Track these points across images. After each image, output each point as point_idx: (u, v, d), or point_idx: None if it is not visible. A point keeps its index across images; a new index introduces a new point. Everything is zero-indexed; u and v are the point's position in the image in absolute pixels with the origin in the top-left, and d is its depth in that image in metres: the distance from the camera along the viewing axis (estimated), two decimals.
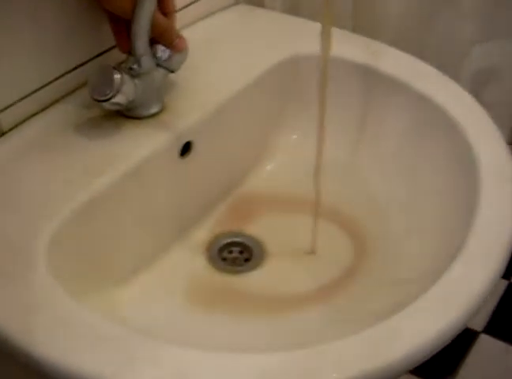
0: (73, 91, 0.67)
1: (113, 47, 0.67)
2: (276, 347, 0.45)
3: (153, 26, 0.62)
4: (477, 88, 0.93)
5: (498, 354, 1.21)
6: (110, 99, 0.59)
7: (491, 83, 0.93)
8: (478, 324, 1.24)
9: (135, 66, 0.62)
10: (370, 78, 0.74)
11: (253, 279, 0.66)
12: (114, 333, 0.46)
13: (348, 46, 0.76)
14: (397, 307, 0.48)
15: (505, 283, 1.31)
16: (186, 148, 0.66)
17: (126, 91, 0.60)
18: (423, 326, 0.47)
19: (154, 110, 0.65)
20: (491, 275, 0.51)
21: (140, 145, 0.62)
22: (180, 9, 0.77)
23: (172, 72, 0.66)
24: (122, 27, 0.63)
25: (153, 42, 0.64)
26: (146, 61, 0.62)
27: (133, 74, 0.62)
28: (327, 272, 0.65)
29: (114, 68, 0.60)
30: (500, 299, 1.27)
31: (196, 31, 0.78)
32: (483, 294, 0.51)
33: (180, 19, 0.76)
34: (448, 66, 0.89)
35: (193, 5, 0.80)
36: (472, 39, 0.89)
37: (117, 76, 0.59)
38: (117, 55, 0.65)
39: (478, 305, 0.50)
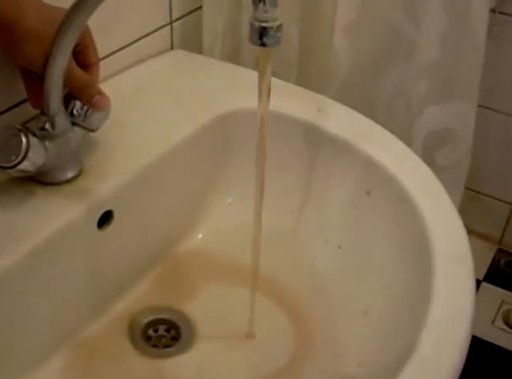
0: None
1: (25, 100, 0.59)
2: None
3: (70, 81, 0.55)
4: (431, 149, 0.89)
5: None
6: (15, 166, 0.51)
7: (445, 145, 0.89)
8: None
9: (47, 127, 0.55)
10: (314, 137, 0.69)
11: (176, 367, 0.58)
12: None
13: (291, 101, 0.70)
14: None
15: None
16: (106, 217, 0.59)
17: (33, 157, 0.52)
18: None
19: (70, 174, 0.58)
20: None
21: (52, 216, 0.54)
22: (108, 55, 0.71)
23: (92, 131, 0.59)
24: (36, 80, 0.56)
25: (71, 97, 0.56)
26: (60, 122, 0.55)
27: (45, 135, 0.54)
28: (264, 363, 0.58)
29: (21, 130, 0.52)
30: None
31: (125, 80, 0.72)
32: None
33: (108, 66, 0.70)
34: (399, 125, 0.85)
35: (124, 50, 0.74)
36: (425, 99, 0.85)
37: (24, 140, 0.51)
38: (29, 109, 0.57)
39: None
